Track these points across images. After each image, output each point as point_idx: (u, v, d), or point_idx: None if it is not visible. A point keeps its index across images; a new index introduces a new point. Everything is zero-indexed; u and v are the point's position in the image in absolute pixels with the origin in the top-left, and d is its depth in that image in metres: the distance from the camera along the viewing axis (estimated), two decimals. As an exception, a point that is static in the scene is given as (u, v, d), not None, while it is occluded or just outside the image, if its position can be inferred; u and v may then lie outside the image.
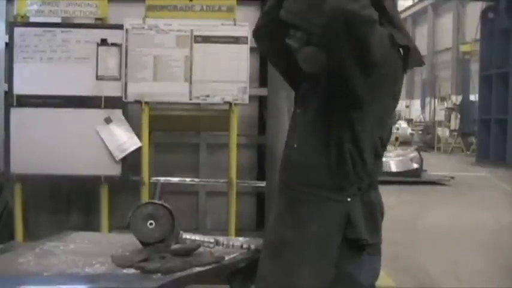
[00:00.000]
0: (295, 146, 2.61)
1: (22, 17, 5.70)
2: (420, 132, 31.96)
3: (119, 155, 5.60)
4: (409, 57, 2.52)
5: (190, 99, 5.63)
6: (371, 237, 2.52)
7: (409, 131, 31.39)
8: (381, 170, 2.67)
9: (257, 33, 2.80)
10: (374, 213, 2.56)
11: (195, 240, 2.79)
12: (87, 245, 2.96)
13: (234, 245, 2.79)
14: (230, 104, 5.59)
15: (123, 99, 5.60)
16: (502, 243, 9.16)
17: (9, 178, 5.69)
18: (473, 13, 28.98)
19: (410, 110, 41.31)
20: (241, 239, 3.05)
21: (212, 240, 2.83)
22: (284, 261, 2.53)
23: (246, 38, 5.57)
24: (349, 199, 2.50)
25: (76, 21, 5.85)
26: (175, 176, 6.06)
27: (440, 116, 31.40)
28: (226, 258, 2.70)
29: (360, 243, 2.49)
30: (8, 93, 5.69)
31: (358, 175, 2.51)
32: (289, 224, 2.57)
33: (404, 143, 26.25)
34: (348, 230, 2.48)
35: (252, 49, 5.66)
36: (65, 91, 5.61)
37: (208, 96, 5.61)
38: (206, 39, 5.61)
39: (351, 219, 2.48)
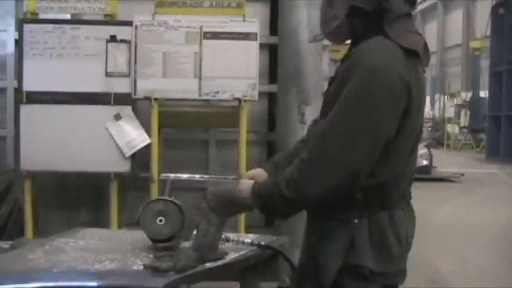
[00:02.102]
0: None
1: (32, 13, 5.70)
2: (430, 128, 31.89)
3: (128, 152, 5.60)
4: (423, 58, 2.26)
5: (200, 96, 5.62)
6: (379, 265, 2.24)
7: (418, 127, 31.25)
8: (401, 188, 2.34)
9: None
10: (384, 238, 2.25)
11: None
12: (97, 242, 2.96)
13: (244, 242, 2.77)
14: (240, 100, 5.58)
15: (133, 95, 5.60)
16: (511, 240, 9.13)
17: (18, 175, 5.70)
18: (483, 9, 28.89)
19: (419, 107, 41.15)
20: (250, 235, 3.03)
21: (222, 236, 2.82)
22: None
23: (256, 34, 5.56)
24: (356, 220, 2.23)
25: (85, 17, 5.85)
26: (185, 173, 6.05)
27: (450, 112, 31.35)
28: (236, 255, 2.69)
29: (361, 272, 2.22)
30: (18, 90, 5.69)
31: (367, 195, 2.24)
32: (303, 248, 2.49)
33: (414, 139, 26.17)
34: (349, 254, 2.23)
35: (261, 45, 5.65)
36: (74, 88, 5.60)
37: (217, 92, 5.60)
38: (215, 36, 5.60)
39: (354, 243, 2.22)
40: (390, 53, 2.16)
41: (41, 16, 5.74)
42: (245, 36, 5.58)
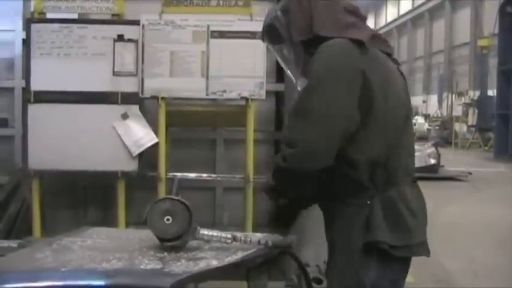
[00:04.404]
0: None
1: (39, 13, 5.72)
2: (437, 127, 31.85)
3: (136, 151, 5.61)
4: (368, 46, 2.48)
5: (207, 95, 5.62)
6: (399, 239, 2.41)
7: (426, 126, 31.32)
8: (404, 162, 2.52)
9: None
10: (398, 213, 2.43)
11: (212, 235, 2.78)
12: (104, 241, 2.96)
13: (252, 241, 2.77)
14: (247, 99, 5.58)
15: (140, 94, 5.60)
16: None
17: (26, 174, 5.71)
18: (491, 7, 28.80)
19: (427, 105, 41.13)
20: (258, 234, 3.03)
21: (229, 236, 2.82)
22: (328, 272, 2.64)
23: (263, 33, 5.54)
24: (368, 202, 2.42)
25: (92, 17, 5.86)
26: (192, 172, 6.05)
27: (458, 111, 31.27)
28: (244, 254, 2.69)
29: (381, 247, 2.40)
30: (25, 90, 5.71)
31: (373, 176, 2.43)
32: (327, 235, 2.63)
33: (421, 138, 26.18)
34: (367, 232, 2.41)
35: (268, 44, 5.63)
36: (81, 87, 5.61)
37: (224, 91, 5.60)
38: (223, 35, 5.60)
39: (369, 222, 2.40)
40: (340, 46, 2.47)
41: (48, 16, 5.76)
42: (252, 35, 5.57)
